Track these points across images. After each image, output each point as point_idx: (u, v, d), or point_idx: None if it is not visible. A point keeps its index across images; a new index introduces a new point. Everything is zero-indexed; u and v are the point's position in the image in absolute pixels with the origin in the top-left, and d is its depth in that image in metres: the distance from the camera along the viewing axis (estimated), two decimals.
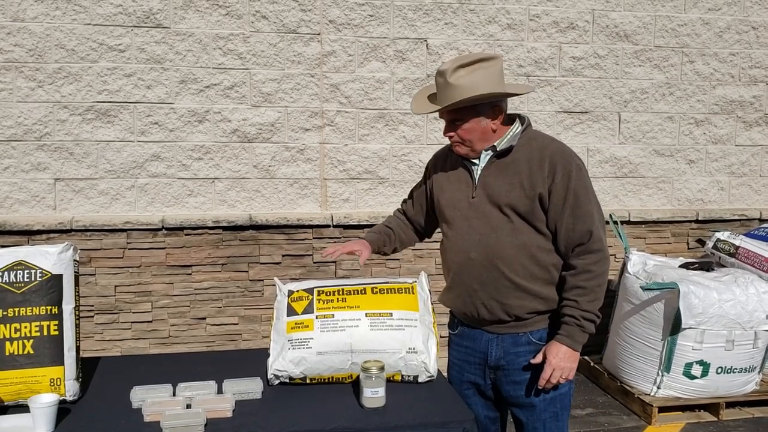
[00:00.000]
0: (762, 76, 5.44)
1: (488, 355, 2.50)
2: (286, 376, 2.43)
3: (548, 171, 2.34)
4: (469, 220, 2.44)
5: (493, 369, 2.52)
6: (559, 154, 2.37)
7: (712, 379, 4.26)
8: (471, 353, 2.56)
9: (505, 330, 2.46)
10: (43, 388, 2.23)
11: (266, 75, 4.73)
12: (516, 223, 2.37)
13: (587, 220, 2.34)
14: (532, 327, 2.45)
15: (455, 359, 2.64)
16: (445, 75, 2.32)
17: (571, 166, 2.34)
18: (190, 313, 4.69)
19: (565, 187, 2.33)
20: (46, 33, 4.44)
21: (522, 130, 2.44)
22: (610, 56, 5.19)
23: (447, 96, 2.33)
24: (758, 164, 5.55)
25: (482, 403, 2.61)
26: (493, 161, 2.43)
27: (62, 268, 2.31)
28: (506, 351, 2.47)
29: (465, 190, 2.48)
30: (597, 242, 2.35)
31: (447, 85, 2.32)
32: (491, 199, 2.40)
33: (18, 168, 4.51)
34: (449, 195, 2.53)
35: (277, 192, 4.84)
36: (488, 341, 2.50)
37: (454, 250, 2.50)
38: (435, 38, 4.91)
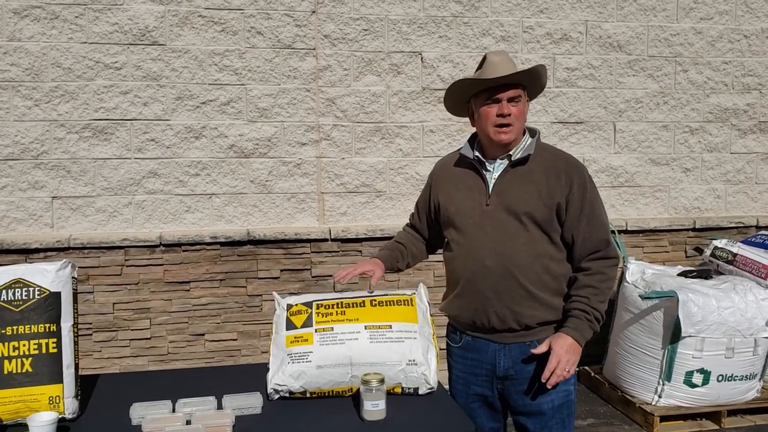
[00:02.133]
0: (755, 84, 5.47)
1: (496, 366, 2.49)
2: (286, 390, 2.42)
3: (565, 181, 2.41)
4: (484, 228, 2.43)
5: (501, 379, 2.51)
6: (574, 165, 2.47)
7: (713, 387, 4.26)
8: (477, 365, 2.54)
9: (513, 339, 2.46)
10: (42, 406, 2.21)
11: (262, 90, 4.74)
12: (532, 232, 2.40)
13: (602, 229, 2.42)
14: (539, 336, 2.46)
15: (460, 372, 2.61)
16: (505, 54, 2.45)
17: (585, 177, 2.45)
18: (189, 329, 4.67)
19: (582, 197, 2.40)
20: (42, 52, 4.46)
21: (535, 141, 2.50)
22: (604, 66, 5.21)
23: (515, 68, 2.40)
24: (754, 171, 5.57)
25: (488, 414, 2.60)
26: (508, 170, 2.46)
27: (60, 285, 2.30)
28: (515, 361, 2.47)
29: (478, 197, 2.48)
30: (612, 250, 2.42)
31: (510, 60, 2.44)
32: (508, 207, 2.41)
33: (15, 187, 4.51)
34: (459, 202, 2.52)
35: (274, 207, 4.84)
36: (495, 352, 2.49)
37: (466, 257, 2.48)
38: (430, 51, 4.94)
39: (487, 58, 2.45)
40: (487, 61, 2.44)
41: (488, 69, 2.42)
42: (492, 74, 2.39)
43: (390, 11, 4.85)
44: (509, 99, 2.40)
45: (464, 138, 5.00)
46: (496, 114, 2.41)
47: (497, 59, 2.42)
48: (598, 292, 2.40)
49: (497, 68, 2.39)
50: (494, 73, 2.39)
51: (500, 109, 2.40)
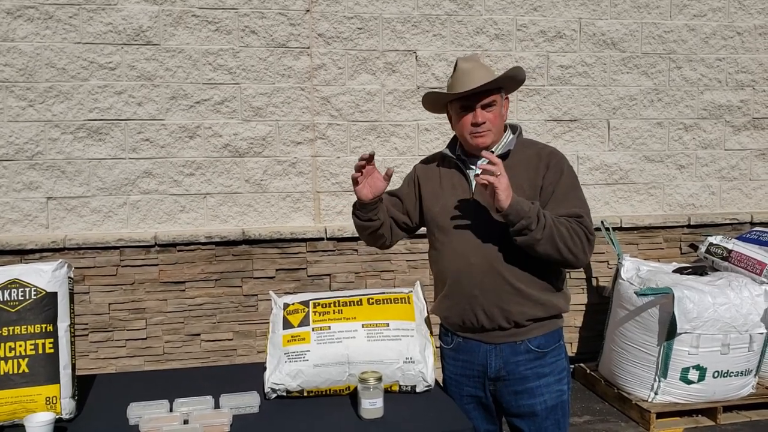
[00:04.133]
0: (748, 81, 5.48)
1: (487, 367, 2.47)
2: (283, 389, 2.42)
3: (542, 168, 2.41)
4: (469, 226, 2.42)
5: (493, 380, 2.48)
6: (553, 154, 2.47)
7: (708, 383, 4.27)
8: (468, 366, 2.52)
9: (504, 339, 2.44)
10: (38, 406, 2.21)
11: (256, 89, 4.74)
12: None
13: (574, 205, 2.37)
14: (530, 334, 2.44)
15: (452, 374, 2.59)
16: (474, 59, 2.46)
17: (562, 165, 2.44)
18: (185, 329, 4.67)
19: (555, 181, 2.40)
20: (36, 52, 4.44)
21: (516, 137, 2.50)
22: (598, 64, 5.22)
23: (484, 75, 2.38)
24: (748, 168, 5.59)
25: (483, 416, 2.57)
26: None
27: (57, 285, 2.29)
28: (506, 361, 2.45)
29: (461, 195, 2.47)
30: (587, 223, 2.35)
31: (480, 66, 2.43)
32: (490, 203, 2.37)
33: (10, 187, 4.50)
34: (443, 202, 2.50)
35: (269, 206, 4.83)
36: (486, 353, 2.46)
37: (451, 256, 2.46)
38: (424, 50, 4.94)
39: (457, 65, 2.45)
40: (458, 69, 2.44)
41: (459, 78, 2.41)
42: (461, 86, 2.39)
43: (384, 10, 4.85)
44: (483, 106, 2.40)
45: None
46: (470, 123, 2.42)
47: (467, 67, 2.42)
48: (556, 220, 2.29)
49: (468, 77, 2.38)
50: (464, 83, 2.38)
51: (474, 118, 2.40)
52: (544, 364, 2.46)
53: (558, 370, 2.49)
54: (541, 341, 2.45)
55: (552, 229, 2.27)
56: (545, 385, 2.46)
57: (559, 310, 2.49)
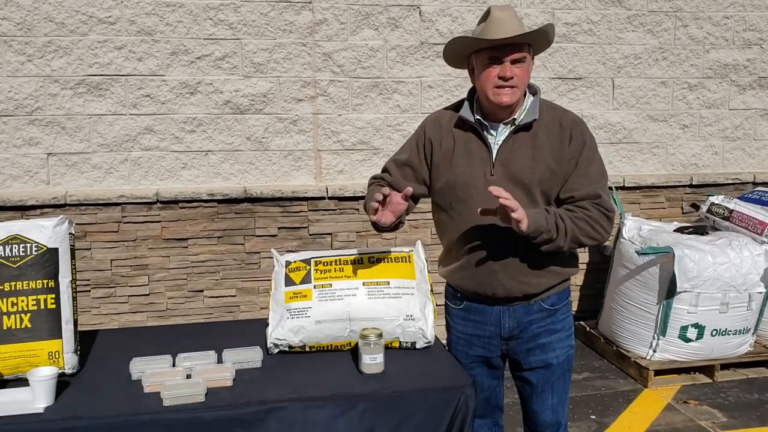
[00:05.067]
0: (756, 39, 5.41)
1: (501, 328, 2.45)
2: (286, 344, 2.44)
3: (566, 139, 2.32)
4: (489, 200, 2.22)
5: (506, 340, 2.47)
6: (576, 122, 2.37)
7: (707, 341, 4.30)
8: (480, 327, 2.48)
9: (517, 302, 2.42)
10: (41, 361, 2.23)
11: (258, 45, 4.68)
12: (539, 203, 2.32)
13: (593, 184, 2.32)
14: (543, 295, 2.43)
15: (460, 333, 2.55)
16: (510, 9, 2.28)
17: (585, 135, 2.35)
18: (187, 285, 4.69)
19: (577, 154, 2.32)
20: (34, 6, 4.38)
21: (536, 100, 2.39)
22: (604, 22, 5.15)
23: (519, 27, 2.25)
24: (752, 128, 5.55)
25: (487, 372, 2.57)
26: (511, 136, 2.34)
27: (58, 241, 2.30)
28: (519, 321, 2.43)
29: (480, 165, 2.34)
30: (605, 202, 2.31)
31: (515, 17, 2.27)
32: (513, 177, 2.30)
33: (10, 143, 4.48)
34: (461, 170, 2.36)
35: (271, 164, 4.82)
36: (500, 314, 2.43)
37: (471, 229, 2.36)
38: (428, 5, 4.86)
39: (491, 13, 2.27)
40: (491, 17, 2.26)
41: (492, 27, 2.25)
42: (495, 33, 2.23)
43: None
44: (513, 61, 2.26)
45: (463, 94, 4.94)
46: (498, 75, 2.26)
47: (502, 16, 2.25)
48: (574, 216, 2.27)
49: (502, 27, 2.23)
50: (498, 32, 2.23)
51: (503, 71, 2.25)
52: (555, 321, 2.46)
53: (568, 326, 2.51)
54: (554, 300, 2.45)
55: (573, 231, 2.26)
56: (557, 341, 2.47)
57: (570, 274, 2.49)
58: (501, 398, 2.68)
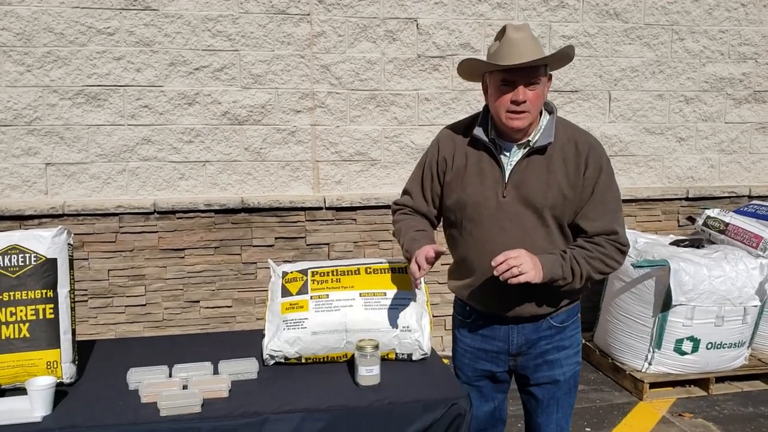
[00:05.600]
0: (751, 53, 5.45)
1: (509, 344, 2.44)
2: (282, 356, 2.45)
3: (582, 164, 2.27)
4: (501, 221, 2.28)
5: (514, 356, 2.46)
6: (593, 147, 2.31)
7: (702, 354, 4.31)
8: (488, 342, 2.47)
9: (526, 320, 2.40)
10: (39, 371, 2.24)
11: (256, 56, 4.71)
12: (551, 227, 2.30)
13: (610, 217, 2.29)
14: (552, 313, 2.41)
15: (468, 346, 2.53)
16: (526, 29, 2.21)
17: (602, 161, 2.30)
18: (184, 296, 4.70)
19: (595, 179, 2.28)
20: (33, 16, 4.41)
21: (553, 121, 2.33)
22: (600, 35, 5.19)
23: (537, 50, 2.18)
24: (747, 141, 5.58)
25: (492, 387, 2.56)
26: (526, 157, 2.30)
27: (57, 251, 2.31)
28: (528, 338, 2.42)
29: (492, 186, 2.31)
30: (621, 238, 2.30)
31: (532, 39, 2.20)
32: (526, 200, 2.28)
33: (8, 153, 4.49)
34: (472, 190, 2.33)
35: (268, 174, 4.83)
36: (508, 330, 2.42)
37: (482, 251, 2.32)
38: (425, 18, 4.90)
39: (506, 33, 2.20)
40: (506, 37, 2.20)
41: (506, 50, 2.19)
42: (509, 58, 2.17)
43: None
44: (527, 83, 2.20)
45: (459, 106, 5.02)
46: (510, 100, 2.20)
47: (517, 37, 2.18)
48: (588, 255, 2.26)
49: (516, 50, 2.17)
50: (512, 56, 2.16)
51: (515, 95, 2.19)
52: (564, 338, 2.45)
53: (576, 342, 2.50)
54: (563, 317, 2.44)
55: (588, 271, 2.26)
56: (564, 358, 2.46)
57: (581, 293, 2.47)
58: (505, 411, 2.67)
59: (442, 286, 4.82)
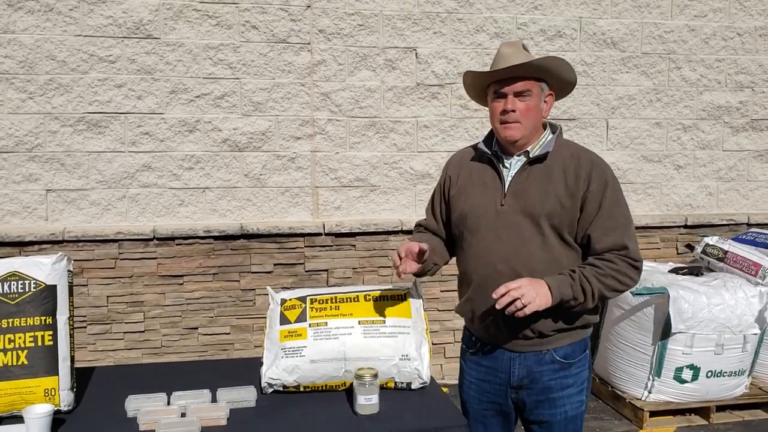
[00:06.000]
0: (748, 82, 5.50)
1: (511, 375, 2.38)
2: (280, 384, 2.44)
3: (584, 179, 2.26)
4: (497, 230, 2.30)
5: (516, 389, 2.40)
6: (596, 163, 2.31)
7: (702, 383, 4.29)
8: (492, 373, 2.43)
9: (528, 348, 2.34)
10: (37, 398, 2.22)
11: (257, 84, 4.75)
12: (548, 236, 2.27)
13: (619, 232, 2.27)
14: (555, 344, 2.34)
15: (473, 378, 2.50)
16: (518, 45, 2.31)
17: (606, 176, 2.29)
18: (182, 322, 4.69)
19: (600, 197, 2.26)
20: (36, 44, 4.45)
21: (555, 137, 2.37)
22: (598, 63, 5.23)
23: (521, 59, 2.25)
24: (745, 169, 5.61)
25: (499, 423, 2.51)
26: (526, 168, 2.33)
27: (56, 278, 2.31)
28: (529, 370, 2.36)
29: (492, 196, 2.35)
30: (632, 253, 2.27)
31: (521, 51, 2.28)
32: (523, 208, 2.28)
33: (9, 179, 4.51)
34: (473, 200, 2.38)
35: (268, 200, 4.85)
36: (510, 360, 2.37)
37: (478, 260, 2.36)
38: (424, 47, 4.95)
39: (499, 49, 2.32)
40: (498, 51, 2.31)
41: (496, 61, 2.29)
42: (495, 67, 2.27)
43: (385, 6, 4.85)
44: (516, 93, 2.26)
45: (458, 133, 5.05)
46: (500, 110, 2.29)
47: (508, 51, 2.28)
48: (599, 273, 2.22)
49: (503, 59, 2.26)
50: (497, 66, 2.27)
51: (504, 105, 2.27)
52: (568, 375, 2.38)
53: (581, 381, 2.41)
54: (567, 351, 2.36)
55: (600, 289, 2.22)
56: (567, 396, 2.38)
57: (586, 321, 2.37)
58: None
59: (441, 314, 4.82)
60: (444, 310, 4.82)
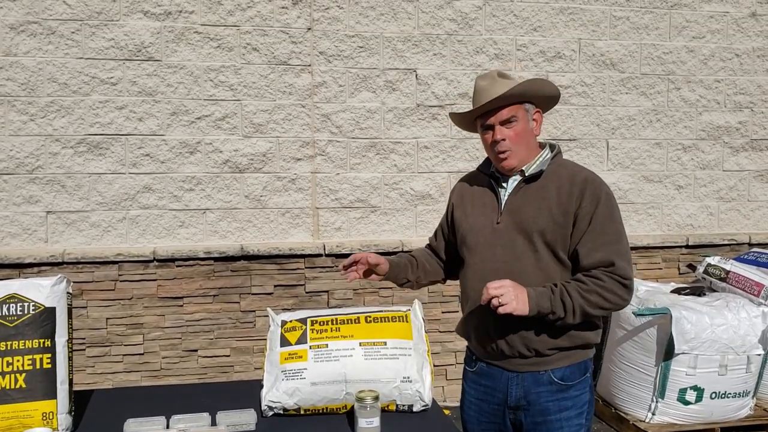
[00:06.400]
0: (747, 102, 5.51)
1: (508, 395, 2.38)
2: (280, 407, 2.42)
3: (577, 196, 2.27)
4: (493, 247, 2.35)
5: (513, 409, 2.39)
6: (590, 180, 2.31)
7: (706, 404, 4.26)
8: (490, 392, 2.44)
9: (526, 368, 2.34)
10: (35, 422, 2.20)
11: (257, 106, 4.76)
12: (541, 252, 2.29)
13: (608, 248, 2.23)
14: (554, 365, 2.33)
15: (473, 398, 2.51)
16: (491, 76, 2.35)
17: (600, 193, 2.28)
18: (182, 345, 4.66)
19: (591, 212, 2.26)
20: (38, 67, 4.47)
21: (552, 156, 2.40)
22: (597, 84, 5.25)
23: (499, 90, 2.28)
24: (746, 189, 5.61)
25: None
26: (521, 186, 2.37)
27: (55, 300, 2.29)
28: (527, 391, 2.35)
29: (490, 215, 2.40)
30: (620, 269, 2.22)
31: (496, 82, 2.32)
32: (518, 225, 2.32)
33: (10, 201, 4.51)
34: (472, 220, 2.45)
35: (268, 222, 4.84)
36: (508, 380, 2.37)
37: (474, 277, 2.39)
38: (424, 68, 4.97)
39: (475, 84, 2.38)
40: (475, 87, 2.38)
41: (474, 97, 2.38)
42: (475, 104, 2.35)
43: (385, 29, 4.88)
44: (502, 122, 2.31)
45: (458, 154, 5.06)
46: (490, 141, 2.35)
47: (483, 84, 2.34)
48: (583, 289, 2.20)
49: (481, 96, 2.33)
50: (477, 102, 2.34)
51: (494, 136, 2.32)
52: (567, 398, 2.36)
53: (580, 404, 2.38)
54: (566, 373, 2.35)
55: (582, 306, 2.20)
56: (566, 419, 2.35)
57: (585, 341, 2.36)
58: None
59: (443, 335, 4.79)
60: (445, 331, 4.80)
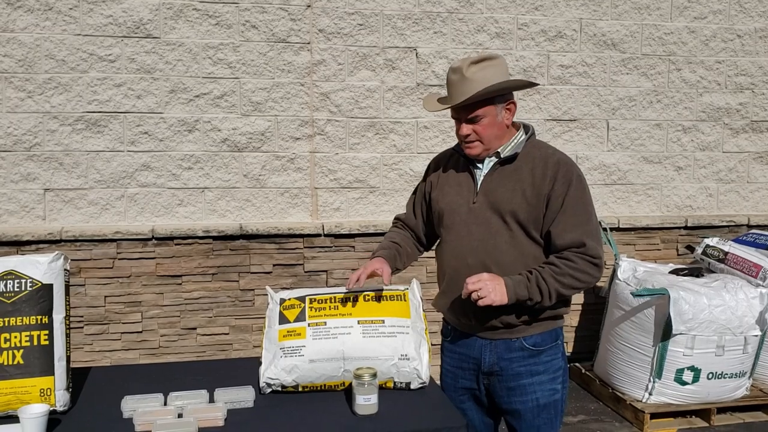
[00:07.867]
0: (748, 84, 5.49)
1: (482, 361, 2.48)
2: (279, 384, 2.42)
3: (550, 178, 2.35)
4: (469, 225, 2.43)
5: (487, 375, 2.50)
6: (563, 163, 2.39)
7: (703, 384, 4.28)
8: (464, 359, 2.54)
9: (498, 336, 2.45)
10: (33, 398, 2.21)
11: (256, 84, 4.73)
12: (515, 231, 2.38)
13: (579, 230, 2.33)
14: (525, 333, 2.44)
15: (449, 366, 2.62)
16: (460, 71, 2.35)
17: (572, 175, 2.37)
18: (181, 323, 4.67)
19: (563, 194, 2.34)
20: (36, 43, 4.43)
21: (526, 138, 2.46)
22: (598, 64, 5.22)
23: (465, 90, 2.33)
24: (745, 171, 5.60)
25: (477, 409, 2.60)
26: (497, 168, 2.44)
27: (53, 277, 2.29)
28: (500, 357, 2.46)
29: (466, 195, 2.47)
30: (591, 250, 2.33)
31: (464, 80, 2.34)
32: (492, 205, 2.40)
33: (7, 178, 4.49)
34: (449, 199, 2.51)
35: (267, 201, 4.83)
36: (481, 347, 2.48)
37: (450, 254, 2.49)
38: (424, 47, 4.93)
39: (447, 74, 2.43)
40: (447, 79, 2.43)
41: (447, 90, 2.43)
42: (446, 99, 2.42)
43: (385, 6, 4.84)
44: (467, 120, 2.39)
45: None
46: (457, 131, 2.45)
47: (453, 79, 2.38)
48: (556, 272, 2.31)
49: (449, 89, 2.40)
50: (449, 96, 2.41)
51: (460, 130, 2.42)
52: (538, 362, 2.46)
53: (553, 369, 2.48)
54: (537, 340, 2.45)
55: (557, 288, 2.31)
56: (538, 383, 2.46)
57: (555, 313, 2.46)
58: None
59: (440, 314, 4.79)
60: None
